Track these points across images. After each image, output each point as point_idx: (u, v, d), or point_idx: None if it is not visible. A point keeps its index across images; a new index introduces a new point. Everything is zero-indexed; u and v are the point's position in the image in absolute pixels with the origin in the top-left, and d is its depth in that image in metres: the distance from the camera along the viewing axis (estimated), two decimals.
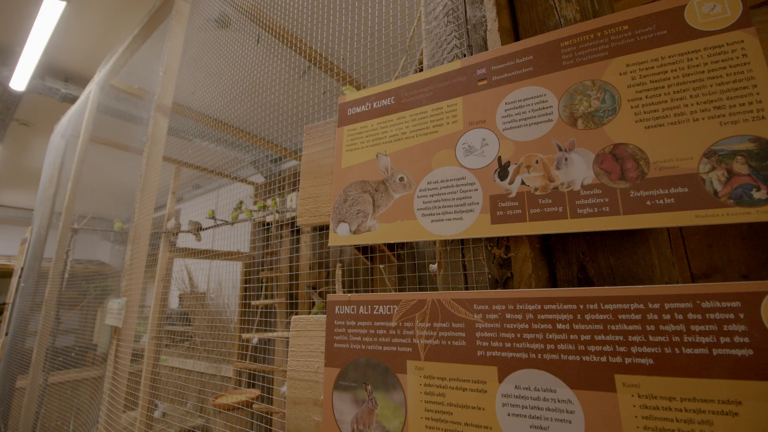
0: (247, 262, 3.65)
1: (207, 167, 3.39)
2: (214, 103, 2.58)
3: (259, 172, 3.79)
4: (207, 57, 2.10)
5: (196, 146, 3.30)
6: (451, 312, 0.63)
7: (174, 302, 4.10)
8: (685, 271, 1.08)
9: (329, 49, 2.36)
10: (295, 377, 0.75)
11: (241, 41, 2.06)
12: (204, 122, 2.78)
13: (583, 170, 0.59)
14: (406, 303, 0.67)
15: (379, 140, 0.77)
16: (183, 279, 3.97)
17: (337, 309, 0.73)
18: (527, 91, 0.66)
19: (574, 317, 0.55)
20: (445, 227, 0.66)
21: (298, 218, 0.84)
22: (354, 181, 0.78)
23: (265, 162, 3.75)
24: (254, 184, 3.80)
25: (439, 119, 0.72)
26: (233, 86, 2.25)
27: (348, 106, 0.84)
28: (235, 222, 3.12)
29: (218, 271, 3.89)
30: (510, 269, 0.65)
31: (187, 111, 2.51)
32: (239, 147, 3.53)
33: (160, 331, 2.57)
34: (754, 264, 1.03)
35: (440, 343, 0.62)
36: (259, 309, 3.39)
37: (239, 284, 3.66)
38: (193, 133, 3.04)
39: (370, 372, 0.67)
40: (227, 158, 3.65)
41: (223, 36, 2.07)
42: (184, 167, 3.34)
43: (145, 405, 2.29)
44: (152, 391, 2.32)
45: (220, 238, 3.64)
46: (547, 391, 0.55)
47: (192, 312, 3.75)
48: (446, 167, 0.69)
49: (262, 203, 3.12)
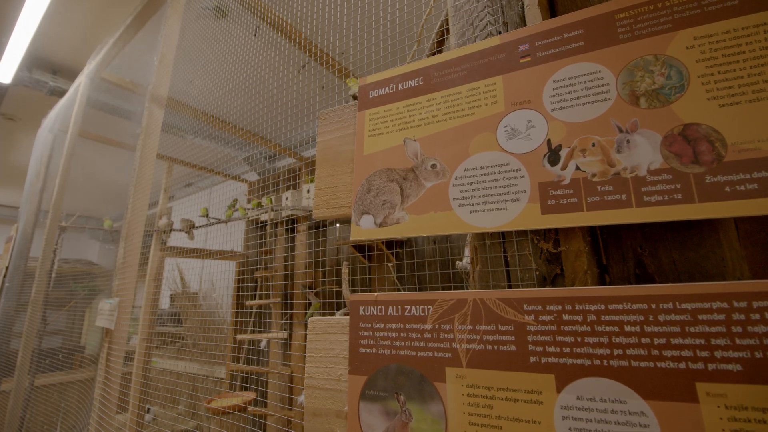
0: (241, 261, 3.54)
1: (200, 164, 3.28)
2: (209, 98, 2.48)
3: (254, 169, 3.68)
4: (203, 48, 2.00)
5: (189, 143, 3.18)
6: (496, 313, 0.55)
7: (165, 303, 3.96)
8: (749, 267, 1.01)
9: (328, 43, 2.27)
10: (314, 386, 0.67)
11: (239, 33, 1.97)
12: (197, 118, 2.67)
13: (649, 153, 0.52)
14: (442, 303, 0.59)
15: (406, 124, 0.69)
16: (175, 279, 3.84)
17: (362, 310, 0.65)
18: (579, 68, 0.58)
19: (645, 318, 0.48)
20: (487, 218, 0.58)
21: (314, 210, 0.75)
22: (379, 169, 0.69)
23: (260, 159, 3.65)
24: (248, 181, 3.69)
25: (475, 100, 0.64)
26: (229, 80, 2.15)
27: (370, 88, 0.76)
28: (229, 220, 3.01)
29: (211, 270, 3.77)
30: (559, 265, 0.58)
31: (180, 106, 2.40)
32: (233, 144, 3.42)
33: (151, 332, 2.45)
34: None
35: (485, 348, 0.55)
36: (254, 309, 3.29)
37: (233, 284, 3.55)
38: (185, 130, 2.93)
39: (402, 380, 0.59)
40: (221, 155, 3.53)
41: (220, 27, 1.97)
42: (177, 164, 3.22)
43: (135, 408, 2.18)
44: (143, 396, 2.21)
45: (213, 237, 3.52)
46: (615, 402, 0.47)
47: (184, 313, 3.63)
48: (486, 152, 0.61)
49: (257, 201, 3.02)
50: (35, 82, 2.67)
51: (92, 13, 2.19)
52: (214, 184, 4.16)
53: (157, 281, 2.74)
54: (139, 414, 2.18)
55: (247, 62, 2.03)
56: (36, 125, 3.17)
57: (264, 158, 3.69)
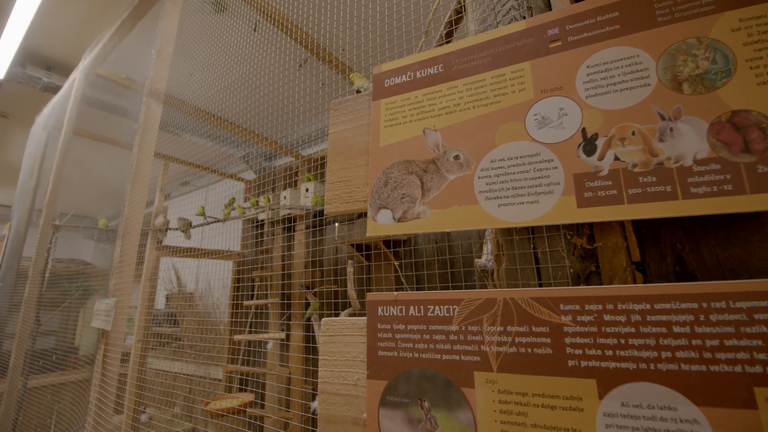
0: (238, 261, 3.48)
1: (196, 163, 3.22)
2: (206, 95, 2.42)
3: (251, 168, 3.61)
4: (201, 44, 1.94)
5: (186, 141, 3.12)
6: (530, 313, 0.51)
7: (160, 303, 3.89)
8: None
9: (329, 39, 2.23)
10: (328, 391, 0.62)
11: (238, 28, 1.91)
12: (194, 115, 2.61)
13: (695, 142, 0.48)
14: (469, 303, 0.54)
15: (425, 114, 0.65)
16: (170, 279, 3.77)
17: (381, 310, 0.60)
18: (615, 52, 0.54)
19: (696, 318, 0.44)
20: (517, 212, 0.54)
21: (326, 206, 0.71)
22: (396, 161, 0.65)
23: (257, 158, 3.59)
24: (245, 180, 3.63)
25: (501, 88, 0.60)
26: (227, 76, 2.10)
27: (385, 77, 0.71)
28: (226, 219, 2.95)
29: (207, 270, 3.70)
30: (594, 262, 0.53)
31: (177, 102, 2.33)
32: (230, 142, 3.36)
33: (147, 333, 2.39)
34: None
35: (517, 351, 0.50)
36: (252, 310, 3.23)
37: (230, 284, 3.49)
38: (182, 128, 2.86)
39: (426, 385, 0.54)
40: (217, 154, 3.47)
41: (219, 22, 1.91)
42: (173, 163, 3.16)
43: (131, 409, 2.12)
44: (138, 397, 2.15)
45: (210, 236, 3.45)
46: (665, 408, 0.43)
47: (180, 313, 3.56)
48: (515, 142, 0.57)
49: (255, 200, 2.96)
50: (29, 78, 2.60)
51: (88, 7, 2.12)
52: (210, 183, 4.09)
53: (152, 281, 2.68)
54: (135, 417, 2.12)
55: (246, 58, 1.98)
56: (29, 122, 3.08)
57: (261, 157, 3.63)
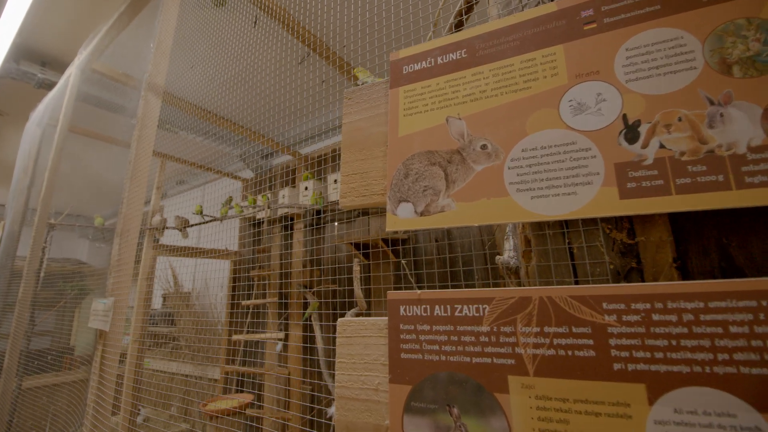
0: (236, 260, 3.42)
1: (193, 161, 3.15)
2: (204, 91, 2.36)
3: (248, 167, 3.56)
4: (200, 38, 1.89)
5: (182, 139, 3.05)
6: (569, 313, 0.47)
7: (157, 302, 3.82)
8: None
9: (330, 35, 2.18)
10: (346, 396, 0.58)
11: (237, 22, 1.86)
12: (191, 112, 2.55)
13: (748, 128, 0.44)
14: (501, 301, 0.50)
15: (448, 101, 0.61)
16: (167, 278, 3.71)
17: (403, 310, 0.56)
18: (656, 34, 0.50)
19: (755, 317, 0.40)
20: (552, 205, 0.50)
21: (340, 199, 0.66)
22: (417, 152, 0.61)
23: (255, 157, 3.53)
24: (243, 179, 3.57)
25: (532, 73, 0.56)
26: (225, 72, 2.04)
27: (403, 63, 0.67)
28: (224, 218, 2.89)
29: (204, 269, 3.63)
30: (635, 258, 0.50)
31: (173, 99, 2.28)
32: (228, 140, 3.30)
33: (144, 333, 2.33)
34: None
35: (556, 353, 0.46)
36: (250, 309, 3.17)
37: (227, 283, 3.43)
38: (178, 125, 2.80)
39: (455, 390, 0.50)
40: (215, 152, 3.41)
41: (219, 16, 1.86)
42: (169, 161, 3.09)
43: (127, 410, 2.06)
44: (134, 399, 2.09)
45: (207, 235, 3.39)
46: (723, 415, 0.39)
47: (177, 313, 3.49)
48: (548, 130, 0.53)
49: (253, 199, 2.91)
50: (23, 74, 2.52)
51: (84, 1, 2.06)
52: (207, 181, 4.03)
53: (149, 280, 2.62)
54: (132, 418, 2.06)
55: (246, 54, 1.93)
56: (24, 119, 3.00)
57: (259, 155, 3.57)
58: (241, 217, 3.14)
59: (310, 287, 2.96)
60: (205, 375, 3.27)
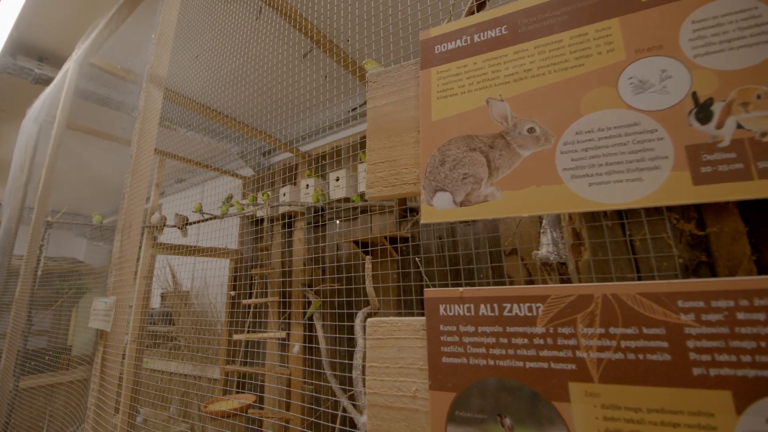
0: (236, 259, 3.35)
1: (192, 159, 3.08)
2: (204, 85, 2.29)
3: (248, 165, 3.48)
4: (202, 29, 1.82)
5: (181, 136, 2.98)
6: (638, 312, 0.41)
7: (155, 302, 3.75)
8: None
9: (334, 29, 2.12)
10: (379, 404, 0.52)
11: (240, 14, 1.79)
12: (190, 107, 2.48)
13: None
14: (557, 300, 0.45)
15: (488, 82, 0.55)
16: (166, 277, 3.63)
17: (443, 309, 0.50)
18: (726, 5, 0.45)
19: None
20: (615, 192, 0.45)
21: (367, 189, 0.61)
22: (454, 137, 0.55)
23: (255, 154, 3.46)
24: (243, 177, 3.50)
25: (584, 49, 0.50)
26: (227, 65, 1.98)
27: (435, 43, 0.61)
28: (225, 216, 2.82)
29: (203, 267, 3.56)
30: (705, 250, 0.44)
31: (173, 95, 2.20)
32: (228, 137, 3.23)
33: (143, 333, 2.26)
34: None
35: (625, 357, 0.41)
36: (250, 309, 3.10)
37: (227, 282, 3.36)
38: (177, 122, 2.73)
39: (506, 398, 0.45)
40: (214, 150, 3.33)
41: (222, 6, 1.79)
42: (168, 159, 3.02)
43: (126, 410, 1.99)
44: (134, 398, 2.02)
45: (206, 233, 3.32)
46: None
47: (176, 312, 3.42)
48: (606, 111, 0.47)
49: (253, 197, 2.84)
50: (20, 69, 2.43)
51: None
52: (206, 179, 3.95)
53: (148, 279, 2.54)
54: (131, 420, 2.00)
55: (248, 47, 1.86)
56: (20, 115, 2.91)
57: (259, 153, 3.50)
58: (241, 215, 3.07)
59: (311, 286, 2.89)
60: (204, 375, 3.20)
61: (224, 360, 3.06)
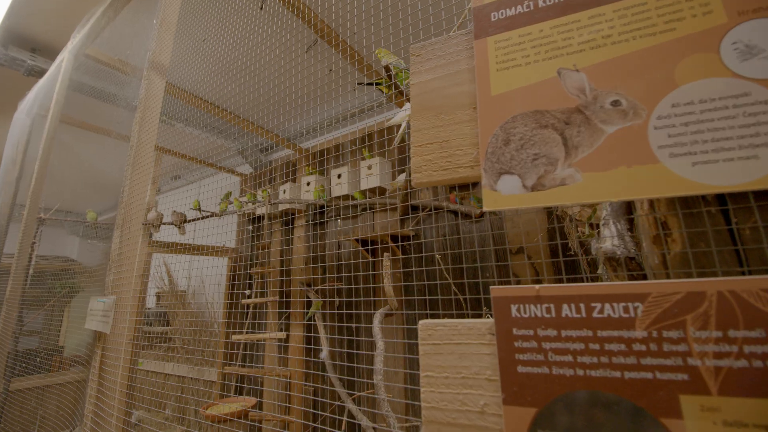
0: (234, 257, 3.25)
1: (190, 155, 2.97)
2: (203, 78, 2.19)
3: (247, 162, 3.38)
4: (203, 21, 1.73)
5: (178, 131, 2.88)
6: (763, 311, 0.34)
7: (151, 301, 3.63)
8: None
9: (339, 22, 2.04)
10: (438, 420, 0.44)
11: (243, 3, 1.71)
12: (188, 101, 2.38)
13: None
14: (660, 298, 0.38)
15: (558, 51, 0.48)
16: (161, 276, 3.52)
17: (515, 310, 0.43)
18: None
19: None
20: (724, 172, 0.38)
21: (414, 174, 0.53)
22: (520, 113, 0.48)
23: (254, 151, 3.36)
24: (241, 174, 3.40)
25: (675, 12, 0.43)
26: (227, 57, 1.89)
27: (491, 9, 0.54)
28: (223, 213, 2.73)
29: (200, 266, 3.45)
30: None
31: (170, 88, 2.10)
32: (226, 133, 3.12)
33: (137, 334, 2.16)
34: None
35: (749, 365, 0.34)
36: (249, 309, 3.01)
37: (224, 281, 3.25)
38: (174, 117, 2.63)
39: (601, 415, 0.38)
40: (212, 146, 3.23)
41: None
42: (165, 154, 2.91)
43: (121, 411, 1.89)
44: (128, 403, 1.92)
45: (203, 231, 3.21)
46: None
47: (172, 312, 3.31)
48: (707, 79, 0.40)
49: (252, 195, 2.75)
50: (12, 60, 2.31)
51: None
52: (203, 177, 3.84)
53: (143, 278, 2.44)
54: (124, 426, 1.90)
55: (250, 39, 1.77)
56: (12, 108, 2.78)
57: (258, 150, 3.40)
58: (240, 213, 2.97)
59: (312, 285, 2.81)
60: (201, 376, 3.10)
61: (222, 360, 2.96)
